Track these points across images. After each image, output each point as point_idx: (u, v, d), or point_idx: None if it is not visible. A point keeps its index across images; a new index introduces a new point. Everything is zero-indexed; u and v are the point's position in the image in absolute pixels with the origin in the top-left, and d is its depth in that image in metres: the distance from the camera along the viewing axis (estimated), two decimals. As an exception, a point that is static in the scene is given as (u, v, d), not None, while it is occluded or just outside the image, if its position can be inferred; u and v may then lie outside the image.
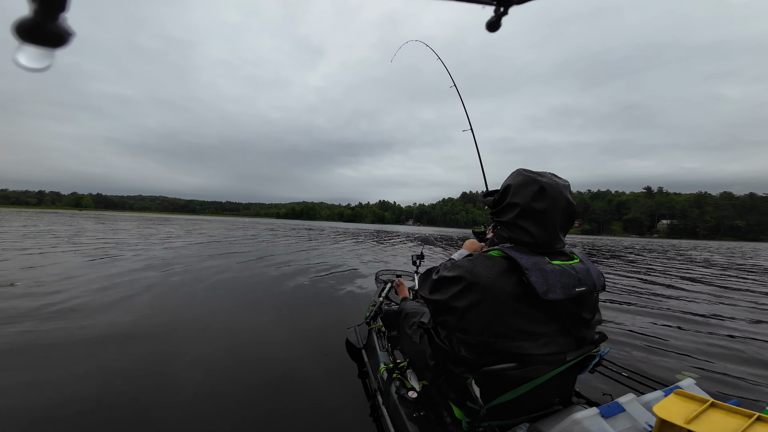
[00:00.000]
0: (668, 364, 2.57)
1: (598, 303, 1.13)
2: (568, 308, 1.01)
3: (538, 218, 1.02)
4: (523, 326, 0.96)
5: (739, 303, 5.03)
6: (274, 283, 5.20)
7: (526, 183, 1.05)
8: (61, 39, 0.35)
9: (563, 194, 1.04)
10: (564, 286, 0.96)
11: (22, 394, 1.83)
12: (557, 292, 0.94)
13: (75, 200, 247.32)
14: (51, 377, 2.02)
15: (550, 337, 0.99)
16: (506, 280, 0.98)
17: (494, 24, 0.50)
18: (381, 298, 2.51)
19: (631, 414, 0.96)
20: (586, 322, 1.05)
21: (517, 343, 0.96)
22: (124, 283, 4.61)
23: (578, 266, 1.03)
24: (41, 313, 3.15)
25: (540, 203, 1.01)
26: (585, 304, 1.04)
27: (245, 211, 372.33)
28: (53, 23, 0.34)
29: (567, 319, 1.01)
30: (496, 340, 0.96)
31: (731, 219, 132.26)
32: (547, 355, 0.99)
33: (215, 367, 2.25)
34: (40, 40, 0.34)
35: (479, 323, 0.97)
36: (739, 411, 0.77)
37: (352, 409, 1.84)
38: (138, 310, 3.40)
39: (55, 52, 0.36)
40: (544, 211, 1.01)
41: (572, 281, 0.98)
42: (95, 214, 66.20)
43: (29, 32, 0.33)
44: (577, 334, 1.03)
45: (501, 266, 1.00)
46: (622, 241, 47.62)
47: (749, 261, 14.19)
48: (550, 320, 0.99)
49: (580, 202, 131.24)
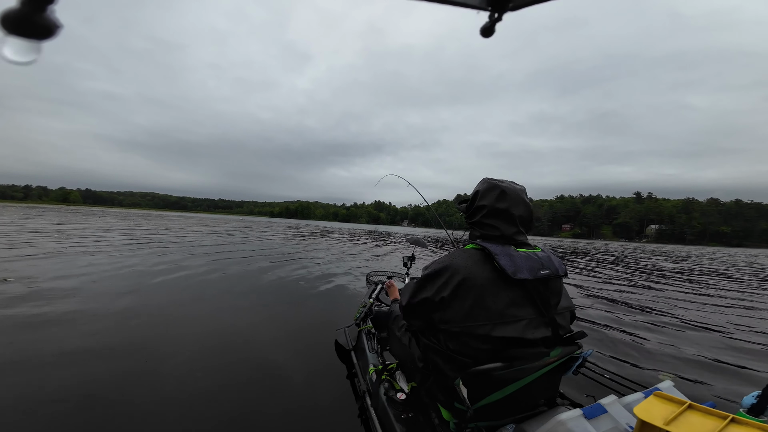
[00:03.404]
0: (648, 366, 2.65)
1: (564, 289, 1.24)
2: (538, 290, 1.10)
3: (502, 215, 1.20)
4: (502, 309, 1.05)
5: (719, 307, 5.17)
6: (260, 283, 5.15)
7: (491, 188, 1.24)
8: (49, 31, 0.33)
9: (520, 196, 1.23)
10: (530, 269, 1.08)
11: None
12: (525, 272, 1.06)
13: (63, 195, 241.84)
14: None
15: (529, 321, 1.07)
16: (481, 266, 1.10)
17: (488, 29, 0.51)
18: (371, 300, 2.50)
19: (612, 415, 0.99)
20: (555, 305, 1.16)
21: (499, 327, 1.03)
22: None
23: (541, 254, 1.18)
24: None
25: (502, 203, 1.20)
26: (551, 288, 1.15)
27: (238, 209, 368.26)
28: (41, 15, 0.32)
29: (539, 302, 1.10)
30: (479, 323, 1.03)
31: (717, 225, 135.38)
32: (529, 341, 1.04)
33: (200, 368, 2.21)
34: (27, 32, 0.32)
35: (462, 309, 1.06)
36: (715, 413, 0.80)
37: (341, 411, 1.83)
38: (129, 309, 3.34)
39: (42, 44, 0.34)
40: (507, 209, 1.19)
41: (536, 265, 1.11)
42: (84, 210, 64.89)
43: (16, 24, 0.32)
44: (550, 317, 1.12)
45: (476, 256, 1.14)
46: (614, 246, 48.40)
47: (734, 266, 14.55)
48: (525, 303, 1.09)
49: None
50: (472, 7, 0.49)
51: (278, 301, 4.14)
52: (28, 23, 0.32)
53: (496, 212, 1.20)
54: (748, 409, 1.04)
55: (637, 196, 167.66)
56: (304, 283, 5.33)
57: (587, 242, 72.34)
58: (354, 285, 5.34)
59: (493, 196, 1.21)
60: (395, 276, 3.68)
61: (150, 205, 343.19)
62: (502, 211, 1.19)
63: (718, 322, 4.24)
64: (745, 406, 1.06)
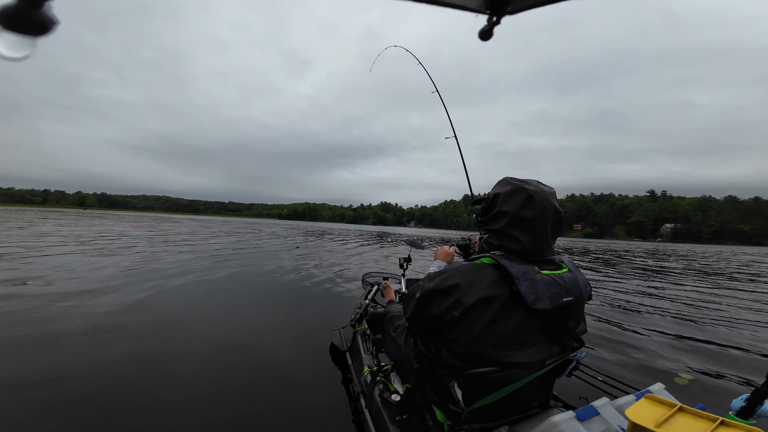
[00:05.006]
0: (640, 368, 2.63)
1: (583, 313, 1.14)
2: (555, 317, 1.01)
3: (527, 226, 1.02)
4: (513, 335, 0.97)
5: (715, 309, 5.01)
6: (256, 285, 5.18)
7: (514, 191, 1.05)
8: (45, 27, 0.33)
9: (550, 201, 1.04)
10: (552, 296, 0.97)
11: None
12: (545, 302, 0.95)
13: (79, 199, 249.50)
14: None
15: (538, 347, 0.99)
16: (498, 289, 0.98)
17: (487, 33, 0.51)
18: (367, 301, 2.49)
19: (605, 417, 0.98)
20: (570, 330, 1.06)
21: (507, 352, 0.97)
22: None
23: (566, 276, 1.04)
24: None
25: (529, 211, 1.01)
26: (571, 313, 1.05)
27: (248, 212, 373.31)
28: (38, 11, 0.32)
29: (554, 328, 1.02)
30: (487, 349, 0.97)
31: (735, 223, 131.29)
32: (532, 363, 1.00)
33: (194, 369, 2.23)
34: (23, 28, 0.32)
35: (471, 333, 0.97)
36: (705, 415, 0.79)
37: (335, 413, 1.82)
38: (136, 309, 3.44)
39: (37, 40, 0.33)
40: (533, 219, 1.01)
41: (560, 291, 0.99)
42: (100, 213, 66.62)
43: (12, 19, 0.31)
44: (563, 342, 1.05)
45: (493, 276, 1.01)
46: (628, 245, 47.41)
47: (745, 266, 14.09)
48: (538, 329, 1.00)
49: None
50: (471, 11, 0.49)
51: (271, 303, 4.14)
52: (25, 19, 0.32)
53: (520, 221, 1.02)
54: (737, 411, 1.03)
55: (651, 195, 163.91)
56: (300, 284, 5.34)
57: (599, 242, 70.98)
58: (349, 286, 5.31)
59: (518, 201, 1.03)
60: (391, 277, 3.68)
61: (163, 208, 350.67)
62: (528, 220, 1.01)
63: (718, 323, 4.14)
64: (734, 408, 1.05)
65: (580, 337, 1.14)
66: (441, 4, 0.47)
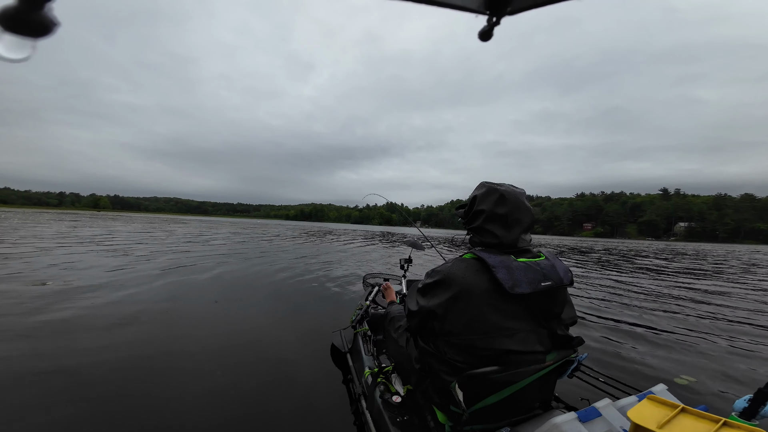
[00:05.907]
0: (642, 369, 2.59)
1: (568, 298, 1.19)
2: (539, 302, 1.07)
3: (502, 221, 1.16)
4: (499, 322, 1.03)
5: (718, 310, 4.89)
6: (256, 284, 5.22)
7: (489, 192, 1.20)
8: (46, 29, 0.33)
9: (520, 200, 1.18)
10: (530, 281, 1.04)
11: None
12: (524, 286, 1.03)
13: (93, 201, 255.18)
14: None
15: (526, 333, 1.05)
16: (479, 278, 1.07)
17: (486, 33, 0.52)
18: (368, 302, 2.48)
19: (607, 418, 0.98)
20: (556, 315, 1.12)
21: (498, 339, 1.02)
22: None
23: (543, 263, 1.12)
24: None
25: (502, 208, 1.15)
26: (554, 299, 1.11)
27: (256, 213, 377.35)
28: (39, 13, 0.32)
29: (539, 314, 1.07)
30: (478, 336, 1.03)
31: (752, 222, 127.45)
32: (527, 353, 1.03)
33: (194, 369, 2.25)
34: (23, 30, 0.32)
35: (460, 322, 1.04)
36: (708, 416, 0.78)
37: (336, 414, 1.82)
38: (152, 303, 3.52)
39: (38, 42, 0.33)
40: (506, 215, 1.15)
41: (537, 276, 1.06)
42: (113, 215, 68.18)
43: (13, 21, 0.31)
44: (550, 329, 1.09)
45: (474, 266, 1.10)
46: (637, 244, 46.47)
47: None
48: (524, 315, 1.06)
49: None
50: (471, 11, 0.49)
51: (272, 304, 4.16)
52: (26, 20, 0.32)
53: (495, 217, 1.16)
54: (740, 412, 1.01)
55: (664, 193, 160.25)
56: (299, 285, 5.36)
57: (610, 241, 69.68)
58: (350, 287, 5.31)
59: (492, 200, 1.17)
60: (392, 278, 3.68)
61: (173, 209, 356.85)
62: (501, 216, 1.15)
63: (717, 323, 4.05)
64: (737, 409, 1.03)
65: (579, 335, 1.14)
66: (441, 4, 0.47)
